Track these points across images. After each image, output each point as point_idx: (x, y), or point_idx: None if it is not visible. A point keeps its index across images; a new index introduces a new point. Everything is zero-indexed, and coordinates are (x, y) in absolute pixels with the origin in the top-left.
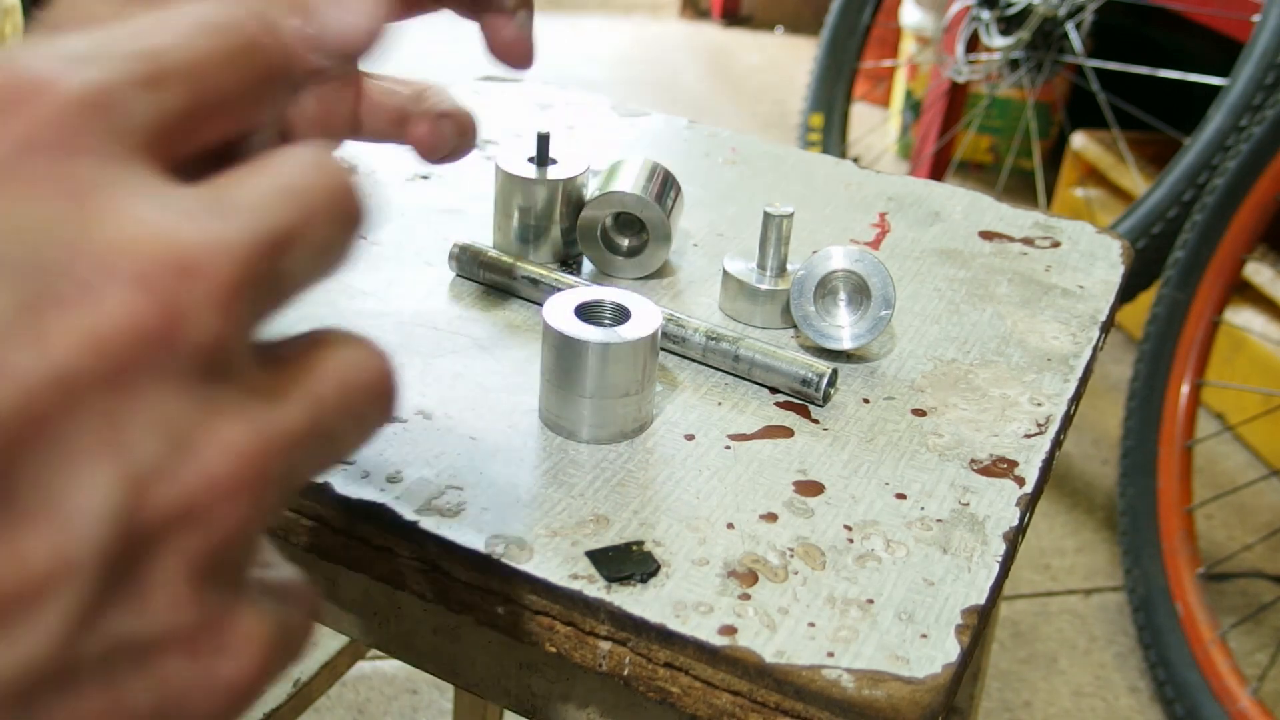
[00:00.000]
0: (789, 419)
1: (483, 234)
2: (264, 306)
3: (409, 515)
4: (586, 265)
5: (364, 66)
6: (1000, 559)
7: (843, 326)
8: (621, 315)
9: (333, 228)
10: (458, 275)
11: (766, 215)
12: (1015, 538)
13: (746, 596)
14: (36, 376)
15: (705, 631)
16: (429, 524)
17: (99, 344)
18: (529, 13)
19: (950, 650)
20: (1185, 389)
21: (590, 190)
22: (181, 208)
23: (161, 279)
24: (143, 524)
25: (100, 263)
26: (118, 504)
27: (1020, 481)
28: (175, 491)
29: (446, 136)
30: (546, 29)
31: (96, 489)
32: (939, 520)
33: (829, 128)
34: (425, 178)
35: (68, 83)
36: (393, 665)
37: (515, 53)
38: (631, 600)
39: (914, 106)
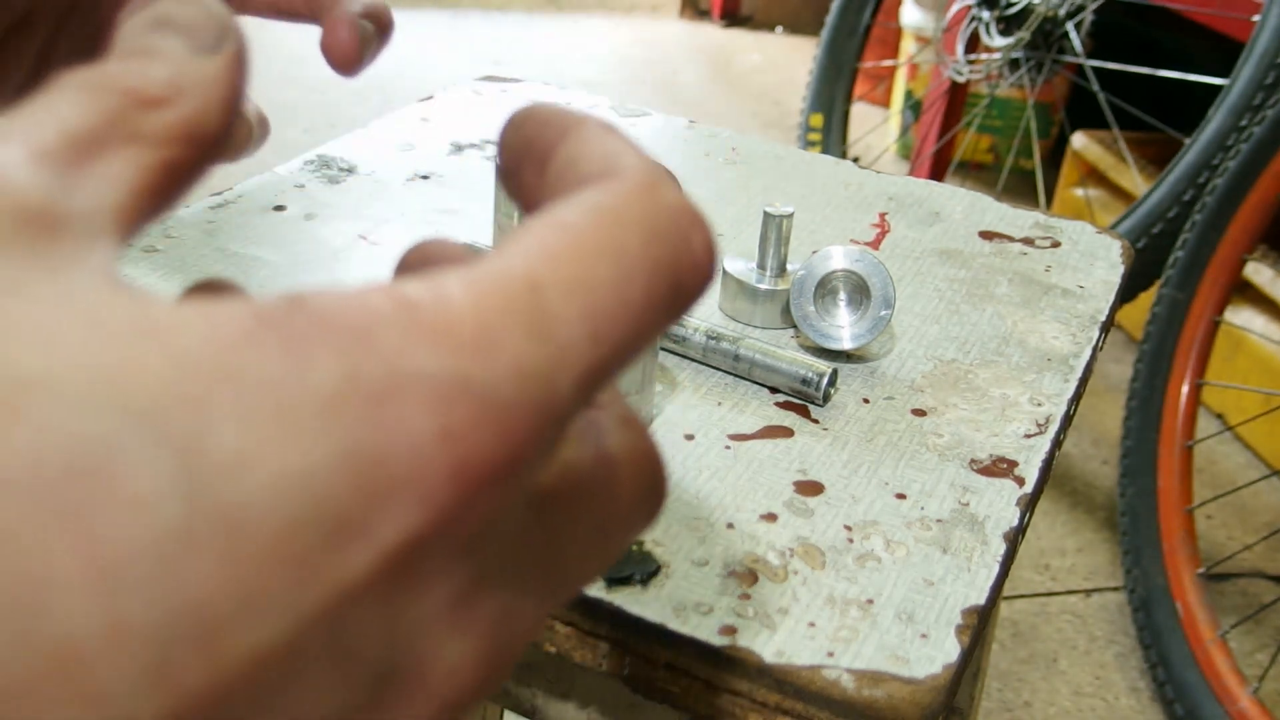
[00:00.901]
0: (789, 419)
1: (483, 235)
2: None
3: None
4: None
5: None
6: (1000, 559)
7: (843, 326)
8: None
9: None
10: None
11: (766, 215)
12: (1015, 538)
13: (746, 596)
14: None
15: (705, 631)
16: None
17: None
18: (380, 34)
19: (950, 650)
20: (1185, 389)
21: None
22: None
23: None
24: None
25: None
26: None
27: (1020, 481)
28: None
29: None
30: (546, 29)
31: None
32: (939, 520)
33: (829, 128)
34: (425, 178)
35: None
36: None
37: (339, 55)
38: (631, 600)
39: (914, 106)
